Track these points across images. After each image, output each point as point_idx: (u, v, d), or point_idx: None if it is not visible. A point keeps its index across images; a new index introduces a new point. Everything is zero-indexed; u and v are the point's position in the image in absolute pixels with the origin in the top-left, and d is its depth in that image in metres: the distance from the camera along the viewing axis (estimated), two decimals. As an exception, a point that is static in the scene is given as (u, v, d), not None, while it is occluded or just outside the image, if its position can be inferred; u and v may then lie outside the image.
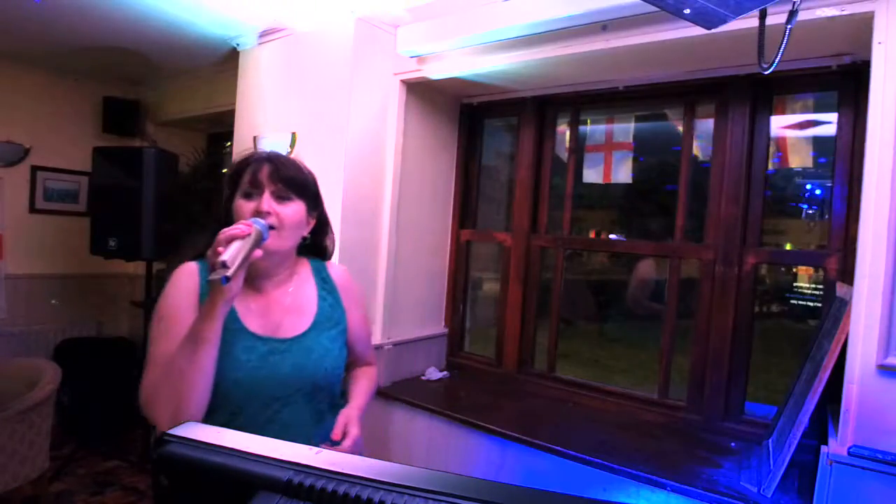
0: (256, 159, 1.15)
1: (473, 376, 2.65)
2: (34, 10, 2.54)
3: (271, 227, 1.08)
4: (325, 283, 1.28)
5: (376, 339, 2.39)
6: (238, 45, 2.75)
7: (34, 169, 3.64)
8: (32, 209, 3.67)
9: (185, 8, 2.44)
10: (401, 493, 0.45)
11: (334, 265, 1.34)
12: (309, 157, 2.34)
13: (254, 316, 1.16)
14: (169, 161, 3.15)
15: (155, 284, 3.36)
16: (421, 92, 2.51)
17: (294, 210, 1.14)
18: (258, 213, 1.08)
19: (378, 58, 2.34)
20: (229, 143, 3.22)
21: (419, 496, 0.45)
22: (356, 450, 1.14)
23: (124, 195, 2.97)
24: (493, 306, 2.79)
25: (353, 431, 1.15)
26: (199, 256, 1.17)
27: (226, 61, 3.02)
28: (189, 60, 3.23)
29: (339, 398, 1.28)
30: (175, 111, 3.83)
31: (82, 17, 2.60)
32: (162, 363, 1.04)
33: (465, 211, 2.80)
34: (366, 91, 2.32)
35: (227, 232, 0.98)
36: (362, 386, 1.34)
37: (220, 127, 3.88)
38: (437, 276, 2.76)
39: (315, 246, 1.29)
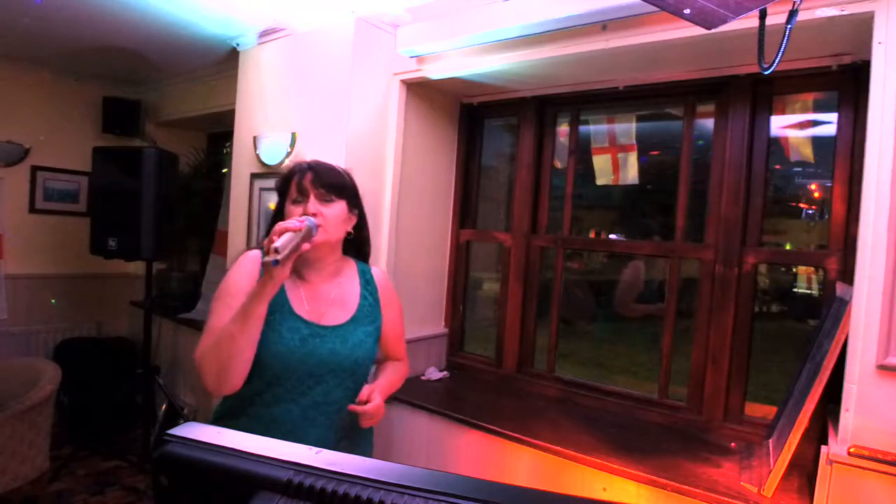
0: (300, 170, 1.31)
1: (473, 376, 2.65)
2: (35, 11, 2.54)
3: (318, 225, 1.24)
4: (368, 285, 1.42)
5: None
6: (238, 45, 2.75)
7: (34, 169, 3.65)
8: (32, 209, 3.67)
9: (185, 8, 2.44)
10: (401, 493, 0.45)
11: (377, 269, 1.48)
12: (309, 157, 2.35)
13: (302, 302, 1.31)
14: (169, 161, 3.15)
15: (155, 284, 3.37)
16: (421, 92, 2.51)
17: (336, 209, 1.30)
18: (306, 215, 1.24)
19: (378, 58, 2.34)
20: (229, 143, 3.22)
21: (419, 496, 0.45)
22: (376, 417, 1.30)
23: (124, 195, 2.97)
24: (493, 306, 2.79)
25: (377, 398, 1.28)
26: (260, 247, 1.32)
27: (226, 61, 3.02)
28: (189, 60, 3.23)
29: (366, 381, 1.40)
30: (175, 111, 3.83)
31: (82, 17, 2.60)
32: (216, 331, 1.19)
33: (465, 211, 2.80)
34: (366, 91, 2.32)
35: (282, 225, 1.13)
36: (389, 371, 1.50)
37: (220, 127, 3.88)
38: (437, 275, 2.76)
39: (358, 241, 1.44)
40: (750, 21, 1.09)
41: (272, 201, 2.47)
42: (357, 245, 1.45)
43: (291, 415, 1.27)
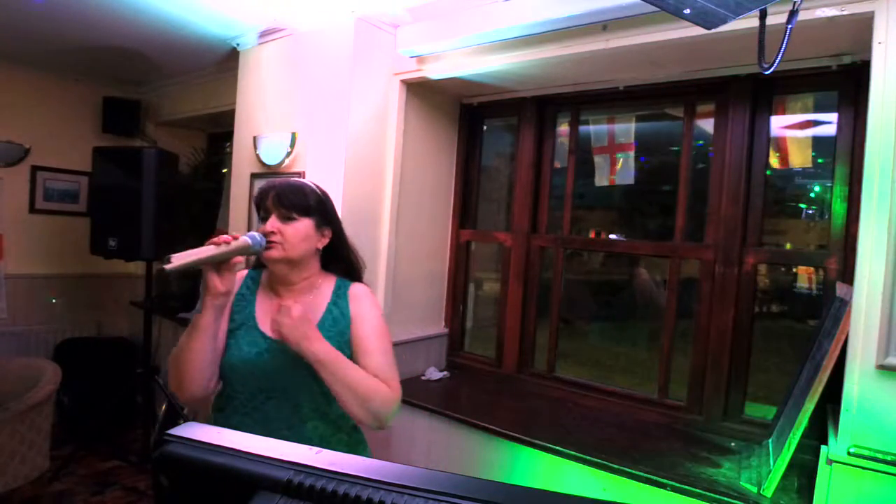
0: (264, 191, 1.33)
1: (473, 376, 2.64)
2: (34, 11, 2.54)
3: (271, 242, 1.27)
4: (338, 299, 1.38)
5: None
6: (238, 45, 2.75)
7: (34, 169, 3.65)
8: (32, 209, 3.67)
9: (185, 8, 2.44)
10: (401, 493, 0.45)
11: (358, 285, 1.42)
12: (309, 157, 2.37)
13: (267, 318, 1.32)
14: (169, 161, 3.15)
15: (155, 284, 3.36)
16: (421, 92, 2.51)
17: (296, 227, 1.30)
18: (265, 233, 1.28)
19: (378, 58, 2.34)
20: (229, 143, 3.22)
21: (419, 496, 0.45)
22: (284, 317, 1.22)
23: (124, 195, 2.97)
24: (493, 306, 2.79)
25: (299, 311, 1.22)
26: (254, 267, 1.43)
27: (226, 61, 3.02)
28: (189, 60, 3.23)
29: (329, 407, 1.30)
30: (175, 111, 3.83)
31: (82, 17, 2.60)
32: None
33: (465, 211, 2.80)
34: (366, 91, 2.32)
35: (212, 239, 1.18)
36: (363, 371, 1.27)
37: (220, 127, 3.88)
38: (437, 276, 2.76)
39: (341, 261, 1.42)
40: (750, 21, 1.09)
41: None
42: (342, 262, 1.42)
43: (247, 428, 1.24)
